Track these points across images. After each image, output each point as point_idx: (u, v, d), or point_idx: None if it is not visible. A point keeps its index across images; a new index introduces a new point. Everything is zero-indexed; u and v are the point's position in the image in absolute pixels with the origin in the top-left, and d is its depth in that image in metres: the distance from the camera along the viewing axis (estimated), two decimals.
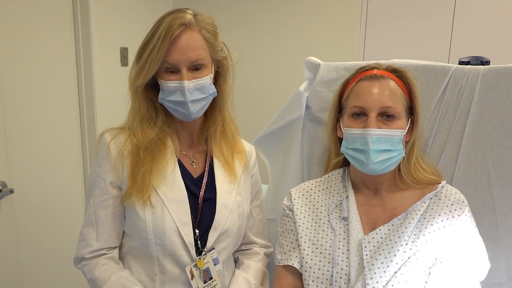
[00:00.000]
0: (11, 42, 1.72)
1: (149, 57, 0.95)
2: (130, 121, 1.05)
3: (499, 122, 1.08)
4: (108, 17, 2.19)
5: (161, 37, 0.94)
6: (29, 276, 1.87)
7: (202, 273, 1.02)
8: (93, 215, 1.03)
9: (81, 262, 1.04)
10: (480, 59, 1.15)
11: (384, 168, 0.98)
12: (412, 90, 1.02)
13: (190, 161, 1.09)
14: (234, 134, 1.15)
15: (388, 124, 0.97)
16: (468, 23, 2.13)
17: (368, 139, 0.95)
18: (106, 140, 1.03)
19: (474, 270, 0.93)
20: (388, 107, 0.96)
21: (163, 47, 0.94)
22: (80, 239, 1.05)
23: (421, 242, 0.92)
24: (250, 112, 2.78)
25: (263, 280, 1.14)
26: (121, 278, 1.00)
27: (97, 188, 1.03)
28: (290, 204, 1.10)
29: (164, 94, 0.99)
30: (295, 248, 1.03)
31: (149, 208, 0.98)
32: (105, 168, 1.02)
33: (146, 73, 0.97)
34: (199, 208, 1.05)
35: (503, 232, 1.08)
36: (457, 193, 0.99)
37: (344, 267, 0.95)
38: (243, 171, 1.14)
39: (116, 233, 1.05)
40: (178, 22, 0.95)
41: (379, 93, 0.97)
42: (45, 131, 1.92)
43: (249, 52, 2.74)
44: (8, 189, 1.69)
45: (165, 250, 0.99)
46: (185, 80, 0.96)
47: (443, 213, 0.94)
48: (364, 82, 1.00)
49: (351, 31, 2.43)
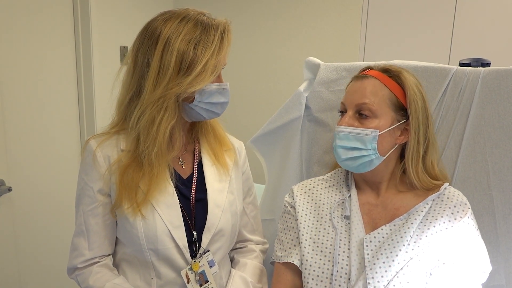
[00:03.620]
0: (11, 40, 1.72)
1: (211, 62, 0.93)
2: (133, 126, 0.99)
3: (499, 124, 1.08)
4: (108, 15, 2.19)
5: (220, 40, 0.94)
6: (27, 274, 1.86)
7: (198, 276, 1.01)
8: (84, 224, 1.01)
9: (75, 272, 1.03)
10: (480, 61, 1.14)
11: (359, 166, 0.99)
12: (405, 92, 0.99)
13: (178, 161, 1.07)
14: (221, 131, 1.14)
15: (363, 122, 0.97)
16: (469, 25, 2.12)
17: (336, 136, 1.01)
18: (91, 147, 1.00)
19: (476, 272, 0.93)
20: (363, 104, 0.97)
21: (222, 51, 0.95)
22: (72, 249, 1.03)
23: (423, 243, 0.92)
24: (250, 112, 2.78)
25: (260, 277, 1.13)
26: (116, 286, 0.98)
27: (86, 196, 1.01)
28: (292, 201, 1.09)
29: (204, 97, 0.97)
30: (296, 245, 1.03)
31: (139, 214, 0.96)
32: (92, 176, 1.00)
33: (209, 77, 0.94)
34: (192, 209, 1.03)
35: (502, 234, 1.08)
36: (459, 195, 0.98)
37: (344, 266, 0.95)
38: (234, 169, 1.12)
39: (108, 241, 1.03)
40: (228, 23, 0.97)
41: (357, 92, 1.00)
42: (44, 130, 1.91)
43: (249, 52, 2.74)
44: (6, 187, 1.69)
45: (159, 254, 0.98)
46: (225, 82, 1.01)
47: (445, 215, 0.94)
48: (352, 82, 1.05)
49: (351, 31, 2.43)
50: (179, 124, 1.02)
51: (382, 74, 1.01)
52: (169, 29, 0.92)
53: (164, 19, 0.95)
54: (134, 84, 0.97)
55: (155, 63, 0.91)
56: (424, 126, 1.00)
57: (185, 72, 0.92)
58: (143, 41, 0.95)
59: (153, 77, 0.92)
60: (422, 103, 0.99)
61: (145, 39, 0.95)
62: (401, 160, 1.04)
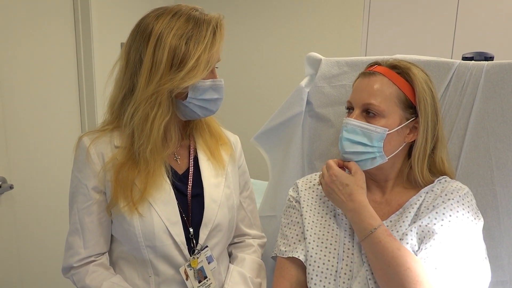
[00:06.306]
0: (11, 38, 1.71)
1: (203, 57, 0.92)
2: (127, 123, 0.98)
3: (502, 118, 1.07)
4: (109, 12, 2.18)
5: (212, 35, 0.93)
6: (28, 272, 1.87)
7: (197, 272, 1.01)
8: (78, 223, 1.00)
9: (70, 271, 1.02)
10: (483, 54, 1.13)
11: (360, 162, 0.98)
12: (414, 89, 0.97)
13: (174, 157, 1.06)
14: (217, 126, 1.13)
15: (370, 121, 0.96)
16: (472, 19, 2.11)
17: (343, 127, 0.99)
18: (85, 144, 1.00)
19: (470, 247, 0.90)
20: (369, 104, 0.96)
21: (215, 46, 0.94)
22: (67, 248, 1.02)
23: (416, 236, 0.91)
24: (252, 108, 2.77)
25: (258, 272, 1.13)
26: (113, 285, 0.98)
27: (80, 194, 1.00)
28: (297, 196, 1.09)
29: (197, 93, 0.96)
30: (301, 240, 1.03)
31: (136, 212, 0.96)
32: (86, 173, 0.99)
33: (202, 72, 0.93)
34: (189, 205, 1.03)
35: (506, 230, 1.07)
36: (454, 184, 0.97)
37: (349, 263, 0.95)
38: (230, 163, 1.11)
39: (103, 239, 1.02)
40: (220, 18, 0.96)
41: (364, 90, 0.98)
42: (45, 127, 1.91)
43: (251, 48, 2.73)
44: (7, 185, 1.69)
45: (156, 252, 0.97)
46: (219, 78, 0.99)
47: (436, 203, 0.93)
48: (359, 79, 1.02)
49: (353, 26, 2.42)
50: (173, 121, 1.01)
51: (390, 70, 0.99)
52: (161, 25, 0.92)
53: (156, 15, 0.95)
54: (127, 82, 0.96)
55: (148, 59, 0.91)
56: (433, 124, 0.98)
57: (177, 68, 0.91)
58: (135, 38, 0.95)
59: (146, 74, 0.91)
60: (431, 100, 0.97)
61: (137, 36, 0.95)
62: (408, 157, 1.02)
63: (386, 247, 0.87)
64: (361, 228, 0.92)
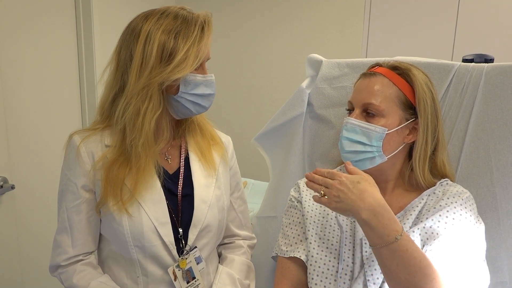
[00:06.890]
0: (13, 38, 1.72)
1: (192, 50, 0.93)
2: (119, 119, 0.98)
3: (502, 120, 1.07)
4: (110, 12, 2.18)
5: (201, 30, 0.94)
6: (30, 272, 1.87)
7: (185, 273, 1.00)
8: (67, 221, 0.99)
9: (57, 270, 1.01)
10: (484, 56, 1.14)
11: (359, 161, 0.98)
12: (414, 90, 0.97)
13: (165, 157, 1.06)
14: (209, 127, 1.13)
15: (370, 121, 0.97)
16: (472, 21, 2.11)
17: (343, 127, 1.01)
18: (75, 142, 1.00)
19: (472, 248, 0.91)
20: (369, 104, 0.97)
21: (203, 40, 0.95)
22: (55, 247, 1.01)
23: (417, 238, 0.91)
24: (253, 109, 2.77)
25: (247, 274, 1.13)
26: (101, 284, 0.97)
27: (69, 192, 0.99)
28: (298, 196, 1.09)
29: (188, 88, 0.97)
30: (302, 240, 1.03)
31: (125, 211, 0.96)
32: (76, 171, 0.99)
33: (191, 65, 0.93)
34: (179, 205, 1.03)
35: (506, 231, 1.07)
36: (455, 188, 0.98)
37: (349, 264, 0.95)
38: (221, 164, 1.11)
39: (92, 237, 1.02)
40: (208, 15, 0.98)
41: (365, 90, 0.99)
42: (46, 127, 1.92)
43: (252, 49, 2.74)
44: (9, 185, 1.69)
45: (145, 252, 0.97)
46: (210, 74, 1.00)
47: (438, 206, 0.94)
48: (360, 79, 1.04)
49: (354, 28, 2.42)
50: (165, 117, 1.01)
51: (391, 71, 1.00)
52: (149, 23, 0.94)
53: (144, 15, 0.97)
54: (118, 81, 0.97)
55: (138, 55, 0.92)
56: (433, 125, 0.98)
57: (167, 61, 0.92)
58: (125, 38, 0.97)
59: (136, 69, 0.93)
60: (431, 102, 0.98)
61: (127, 36, 0.96)
62: (409, 159, 1.03)
63: (414, 256, 0.80)
64: (381, 234, 0.81)
